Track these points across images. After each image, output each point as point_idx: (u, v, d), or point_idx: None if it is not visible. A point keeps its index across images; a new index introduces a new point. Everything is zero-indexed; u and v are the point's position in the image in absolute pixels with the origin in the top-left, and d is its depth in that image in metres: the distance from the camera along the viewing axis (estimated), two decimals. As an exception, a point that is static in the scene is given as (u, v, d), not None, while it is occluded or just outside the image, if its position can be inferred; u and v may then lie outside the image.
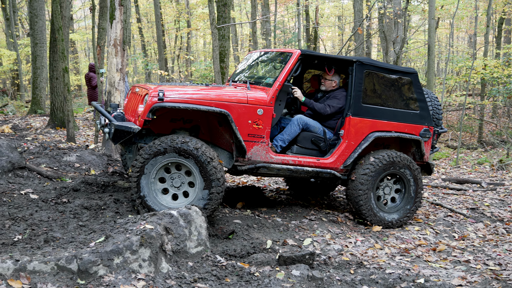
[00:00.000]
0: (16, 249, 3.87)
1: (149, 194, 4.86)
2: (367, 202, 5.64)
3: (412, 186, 5.83)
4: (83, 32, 27.46)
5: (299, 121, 5.71)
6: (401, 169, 5.73)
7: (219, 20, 9.02)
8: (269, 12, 20.31)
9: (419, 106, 5.91)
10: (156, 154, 4.80)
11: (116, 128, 4.88)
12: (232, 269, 3.99)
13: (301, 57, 5.52)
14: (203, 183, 4.90)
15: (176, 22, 25.18)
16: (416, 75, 5.94)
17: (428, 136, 5.92)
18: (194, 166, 4.87)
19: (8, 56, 21.33)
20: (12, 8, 21.18)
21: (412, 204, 5.87)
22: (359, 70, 5.66)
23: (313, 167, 5.58)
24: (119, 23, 6.95)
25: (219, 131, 5.40)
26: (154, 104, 4.79)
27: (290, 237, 5.14)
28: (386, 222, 5.76)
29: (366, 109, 5.69)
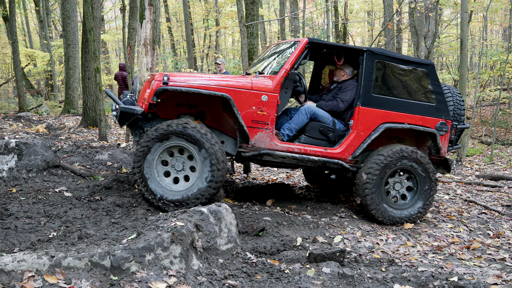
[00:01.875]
0: (51, 245, 3.96)
1: (152, 176, 4.98)
2: (374, 197, 5.50)
3: (424, 183, 5.66)
4: (113, 33, 27.89)
5: (307, 110, 5.67)
6: (413, 164, 5.57)
7: (247, 18, 9.02)
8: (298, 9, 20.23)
9: (435, 99, 5.74)
10: (160, 137, 4.92)
11: (121, 110, 5.09)
12: (262, 266, 3.99)
13: (308, 45, 5.48)
14: (204, 167, 4.97)
15: (205, 20, 25.33)
16: (433, 67, 5.79)
17: (445, 130, 5.75)
18: (196, 149, 4.96)
19: (42, 57, 21.87)
20: (45, 10, 21.67)
21: (424, 201, 5.68)
22: (369, 59, 5.56)
23: (319, 157, 5.50)
24: (149, 23, 7.02)
25: (223, 117, 5.43)
26: (158, 87, 4.96)
27: (320, 234, 5.11)
28: (395, 219, 5.60)
29: (377, 99, 5.57)
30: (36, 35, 28.91)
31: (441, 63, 25.95)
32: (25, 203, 4.94)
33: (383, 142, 5.81)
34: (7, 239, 4.05)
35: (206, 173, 4.97)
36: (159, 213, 4.83)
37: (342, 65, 5.99)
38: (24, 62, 21.99)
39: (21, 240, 4.07)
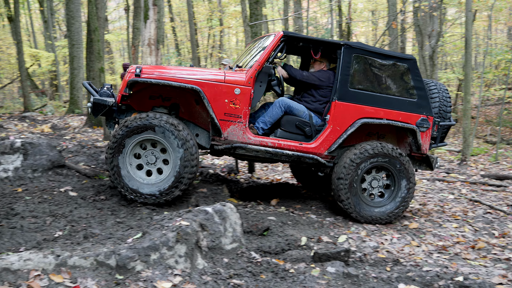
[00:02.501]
0: (57, 244, 3.97)
1: (124, 168, 5.04)
2: (348, 194, 5.45)
3: (402, 181, 5.58)
4: (117, 33, 27.94)
5: (281, 103, 5.62)
6: (388, 161, 5.50)
7: (251, 17, 9.02)
8: (301, 9, 20.20)
9: (416, 94, 5.65)
10: (134, 131, 5.00)
11: (93, 102, 5.19)
12: (267, 266, 3.99)
13: (283, 38, 5.46)
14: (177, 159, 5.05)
15: (209, 20, 25.34)
16: (414, 62, 5.69)
17: (426, 126, 5.65)
18: (166, 141, 5.03)
19: (46, 57, 21.93)
20: (49, 10, 21.74)
21: (401, 200, 5.60)
22: (347, 53, 5.50)
23: (294, 151, 5.46)
24: (153, 23, 7.04)
25: (197, 110, 5.44)
26: (129, 79, 5.02)
27: (325, 234, 5.11)
28: (369, 217, 5.53)
29: (354, 94, 5.51)
30: (41, 35, 29.00)
31: (446, 63, 25.89)
32: (30, 202, 4.96)
33: (363, 138, 5.74)
34: (13, 238, 4.07)
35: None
36: (164, 212, 4.84)
37: (321, 58, 5.92)
38: (28, 62, 22.05)
39: (27, 239, 4.09)
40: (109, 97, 5.37)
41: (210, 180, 6.58)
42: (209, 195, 5.61)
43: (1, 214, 4.63)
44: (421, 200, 6.97)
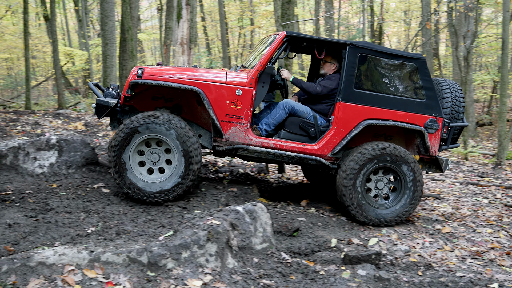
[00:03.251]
0: (90, 240, 4.04)
1: (127, 165, 5.06)
2: (352, 195, 5.32)
3: (409, 183, 5.43)
4: (149, 32, 28.28)
5: (285, 105, 5.55)
6: (394, 162, 5.35)
7: (283, 17, 9.00)
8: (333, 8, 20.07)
9: (425, 95, 5.48)
10: (133, 131, 5.00)
11: (97, 103, 5.22)
12: (297, 267, 3.98)
13: (286, 38, 5.38)
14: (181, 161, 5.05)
15: (240, 20, 25.41)
16: (423, 62, 5.51)
17: (435, 127, 5.48)
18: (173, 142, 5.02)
19: (80, 56, 22.36)
20: (84, 10, 22.14)
21: (408, 202, 5.45)
22: (352, 53, 5.38)
23: (296, 153, 5.39)
24: (186, 22, 7.10)
25: (199, 111, 5.42)
26: (131, 81, 5.05)
27: (355, 236, 5.06)
28: (373, 219, 5.39)
29: (359, 94, 5.38)
30: (75, 34, 29.59)
31: (480, 64, 25.33)
32: (65, 198, 5.06)
33: (369, 139, 5.62)
34: (48, 233, 4.16)
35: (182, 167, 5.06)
36: (195, 211, 4.87)
37: (331, 60, 5.84)
38: (63, 60, 22.52)
39: (61, 234, 4.17)
40: (113, 98, 5.41)
41: (240, 179, 6.59)
42: (239, 195, 5.62)
43: (36, 209, 4.74)
44: (454, 204, 6.84)
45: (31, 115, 11.76)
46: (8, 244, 3.91)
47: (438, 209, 6.40)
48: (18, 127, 9.39)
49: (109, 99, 5.30)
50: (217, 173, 6.87)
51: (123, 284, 3.29)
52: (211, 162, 7.33)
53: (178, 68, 5.43)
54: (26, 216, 4.48)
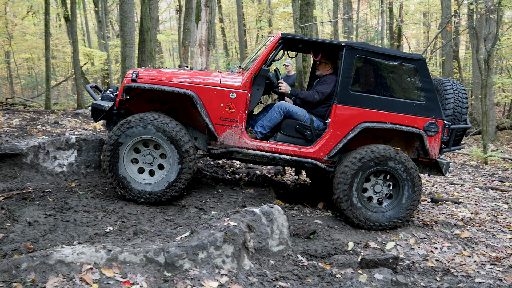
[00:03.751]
0: (108, 239, 4.08)
1: (128, 177, 5.08)
2: (348, 198, 5.23)
3: (406, 186, 5.32)
4: (168, 33, 28.48)
5: (280, 107, 5.51)
6: (393, 166, 5.25)
7: (301, 19, 8.99)
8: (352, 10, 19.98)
9: (425, 97, 5.35)
10: (116, 145, 5.00)
11: (92, 106, 5.24)
12: (313, 270, 3.96)
13: (281, 40, 5.33)
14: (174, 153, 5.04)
15: (258, 21, 25.45)
16: (423, 62, 5.38)
17: (434, 130, 5.36)
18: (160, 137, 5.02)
19: (99, 56, 22.61)
20: (104, 11, 22.36)
21: (405, 206, 5.33)
22: (348, 55, 5.28)
23: (292, 156, 5.35)
24: (205, 24, 7.12)
25: (194, 114, 5.40)
26: (125, 84, 5.07)
27: (372, 239, 5.03)
28: (370, 222, 5.29)
29: (356, 97, 5.29)
30: (95, 34, 29.91)
31: (501, 67, 24.98)
32: (83, 197, 5.11)
33: (368, 141, 5.54)
34: (66, 232, 4.21)
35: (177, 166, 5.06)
36: (212, 212, 4.88)
37: (326, 60, 5.79)
38: (82, 60, 22.79)
39: (80, 233, 4.21)
40: (111, 100, 5.43)
41: (257, 181, 6.59)
42: (256, 196, 5.63)
43: (56, 207, 4.79)
44: (473, 208, 6.75)
45: (51, 114, 11.91)
46: (28, 242, 3.97)
47: (457, 214, 6.32)
48: (38, 126, 9.52)
49: (105, 103, 5.31)
50: (234, 175, 6.88)
51: (140, 284, 3.31)
52: (228, 164, 7.34)
53: (173, 72, 5.41)
54: (45, 214, 4.54)
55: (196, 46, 7.23)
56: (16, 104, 15.54)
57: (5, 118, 10.40)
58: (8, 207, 4.70)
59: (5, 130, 8.77)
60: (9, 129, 8.86)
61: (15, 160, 5.80)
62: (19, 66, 25.85)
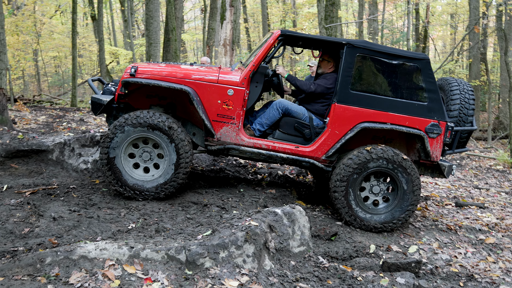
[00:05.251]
0: (130, 236, 4.12)
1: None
2: (344, 199, 5.13)
3: (404, 189, 5.17)
4: (192, 32, 28.66)
5: (278, 105, 5.44)
6: (391, 168, 5.12)
7: (326, 19, 8.95)
8: (377, 11, 19.81)
9: (427, 97, 5.19)
10: (110, 160, 5.01)
11: (91, 100, 5.25)
12: (334, 272, 3.94)
13: (281, 37, 5.26)
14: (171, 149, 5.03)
15: (282, 21, 25.40)
16: (427, 62, 5.22)
17: (436, 132, 5.20)
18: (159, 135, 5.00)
19: (124, 55, 22.88)
20: (129, 10, 22.61)
21: (403, 208, 5.18)
22: (349, 53, 5.17)
23: (289, 154, 5.27)
24: (229, 24, 7.14)
25: (192, 110, 5.36)
26: (123, 79, 5.06)
27: (395, 243, 4.97)
28: (361, 222, 5.17)
29: (356, 96, 5.18)
30: (120, 34, 30.28)
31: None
32: (107, 194, 5.18)
33: (368, 141, 5.42)
34: (90, 228, 4.26)
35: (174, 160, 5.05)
36: (233, 211, 4.89)
37: (328, 58, 5.70)
38: (108, 59, 23.08)
39: (103, 230, 4.26)
40: (111, 94, 5.44)
41: (279, 181, 6.58)
42: (277, 197, 5.62)
43: (80, 203, 4.87)
44: (498, 214, 6.63)
45: (77, 112, 12.10)
46: (52, 237, 4.03)
47: (482, 219, 6.21)
48: (64, 123, 9.68)
49: (104, 96, 5.31)
50: (255, 174, 6.88)
51: (161, 281, 3.33)
52: (250, 164, 7.34)
53: (172, 67, 5.40)
54: (69, 210, 4.61)
55: (221, 45, 7.25)
56: (43, 101, 15.82)
57: (32, 115, 10.60)
58: (34, 202, 4.79)
59: (32, 126, 8.94)
60: (36, 126, 9.03)
61: (42, 156, 5.91)
62: (46, 64, 26.32)
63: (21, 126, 8.70)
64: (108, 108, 5.42)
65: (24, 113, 10.69)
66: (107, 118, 5.58)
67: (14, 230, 4.17)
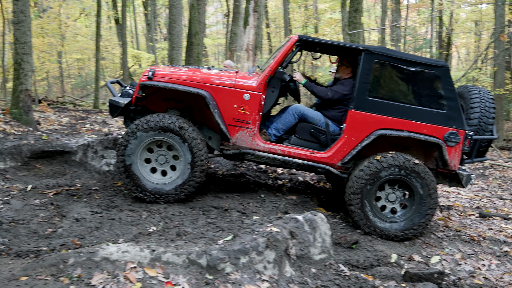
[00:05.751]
0: (152, 239, 4.13)
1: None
2: (361, 211, 5.07)
3: (420, 193, 5.07)
4: (214, 37, 28.80)
5: (294, 110, 5.40)
6: (408, 176, 5.04)
7: (349, 25, 8.91)
8: (400, 18, 19.67)
9: (446, 105, 5.10)
10: (127, 167, 5.02)
11: (109, 102, 5.30)
12: (355, 280, 3.89)
13: (298, 42, 5.21)
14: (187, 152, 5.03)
15: (304, 27, 25.39)
16: (446, 69, 5.13)
17: (455, 140, 5.11)
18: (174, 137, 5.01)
19: (147, 58, 23.07)
20: (153, 14, 22.83)
21: (422, 213, 5.09)
22: (367, 59, 5.11)
23: (304, 160, 5.22)
24: (252, 29, 7.16)
25: (208, 113, 5.34)
26: (141, 82, 5.08)
27: (417, 252, 4.91)
28: (382, 232, 5.10)
29: (373, 103, 5.11)
30: (143, 37, 30.56)
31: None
32: (128, 196, 5.21)
33: (385, 149, 5.35)
34: (112, 230, 4.29)
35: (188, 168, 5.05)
36: (254, 217, 4.88)
37: (346, 63, 5.65)
38: (130, 62, 23.30)
39: (124, 232, 4.29)
40: (129, 97, 5.47)
41: (300, 187, 6.55)
42: (298, 203, 5.59)
43: (102, 205, 4.91)
44: (523, 225, 6.50)
45: (99, 114, 12.23)
46: (75, 237, 4.07)
47: (506, 230, 6.09)
48: (87, 125, 9.79)
49: (122, 99, 5.35)
50: (276, 180, 6.86)
51: (182, 285, 3.34)
52: (271, 169, 7.33)
53: (190, 71, 5.41)
54: (92, 211, 4.65)
55: (243, 50, 7.28)
56: (66, 103, 16.04)
57: (56, 116, 10.75)
58: (57, 202, 4.85)
59: (56, 127, 9.06)
60: (60, 127, 9.15)
61: (65, 158, 5.99)
62: (70, 66, 26.71)
63: (45, 127, 8.82)
64: (126, 110, 5.46)
65: (48, 114, 10.85)
66: (125, 121, 5.63)
67: (38, 230, 4.22)
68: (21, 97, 7.85)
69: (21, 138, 6.51)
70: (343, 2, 13.27)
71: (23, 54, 7.81)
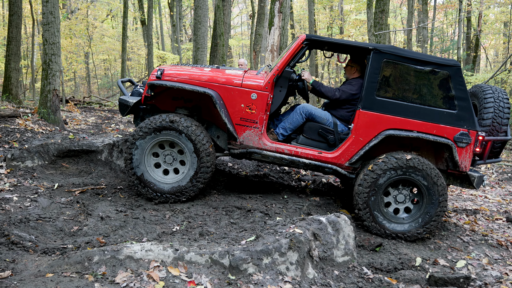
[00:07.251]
0: (175, 238, 4.16)
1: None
2: (375, 223, 4.99)
3: (429, 198, 4.98)
4: (238, 38, 28.88)
5: (302, 110, 5.34)
6: (406, 173, 4.94)
7: (375, 26, 8.83)
8: (427, 19, 19.41)
9: (457, 105, 5.00)
10: (139, 177, 5.09)
11: (119, 101, 5.33)
12: (379, 283, 3.85)
13: (306, 41, 5.15)
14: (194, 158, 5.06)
15: (329, 28, 25.29)
16: (457, 69, 5.01)
17: (466, 141, 4.99)
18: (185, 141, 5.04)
19: (172, 59, 23.29)
20: (178, 15, 23.02)
21: (434, 206, 4.99)
22: (376, 59, 5.02)
23: (311, 160, 5.17)
24: (277, 30, 7.15)
25: (215, 112, 5.33)
26: (149, 81, 5.10)
27: (442, 256, 4.83)
28: (409, 235, 5.02)
29: (381, 103, 5.02)
30: (168, 38, 30.84)
31: None
32: (152, 196, 5.25)
33: (394, 149, 5.27)
34: (136, 228, 4.34)
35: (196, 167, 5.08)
36: (277, 218, 4.87)
37: (353, 63, 5.58)
38: (156, 63, 23.55)
39: (148, 231, 4.33)
40: (139, 96, 5.50)
41: (323, 189, 6.52)
42: (321, 205, 5.56)
43: (126, 204, 4.96)
44: (553, 231, 6.34)
45: (125, 114, 12.35)
46: (100, 236, 4.12)
47: (535, 236, 5.95)
48: (113, 125, 9.92)
49: (131, 98, 5.39)
50: (299, 181, 6.84)
51: (204, 285, 3.35)
52: (294, 170, 7.31)
53: (198, 70, 5.42)
54: (116, 210, 4.70)
55: (268, 51, 7.27)
56: (92, 103, 16.28)
57: (82, 116, 10.92)
58: (83, 201, 4.92)
59: (82, 127, 9.20)
60: (86, 127, 9.29)
61: (91, 157, 6.07)
62: (96, 66, 27.10)
63: (71, 127, 8.97)
64: (135, 109, 5.52)
65: (75, 114, 11.03)
66: (134, 119, 5.69)
67: (64, 228, 4.29)
68: (49, 97, 8.01)
69: (48, 137, 6.63)
70: (369, 3, 13.15)
71: (51, 55, 7.95)
